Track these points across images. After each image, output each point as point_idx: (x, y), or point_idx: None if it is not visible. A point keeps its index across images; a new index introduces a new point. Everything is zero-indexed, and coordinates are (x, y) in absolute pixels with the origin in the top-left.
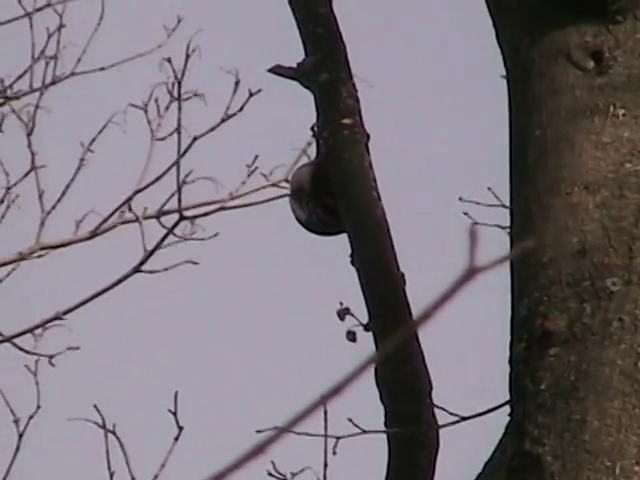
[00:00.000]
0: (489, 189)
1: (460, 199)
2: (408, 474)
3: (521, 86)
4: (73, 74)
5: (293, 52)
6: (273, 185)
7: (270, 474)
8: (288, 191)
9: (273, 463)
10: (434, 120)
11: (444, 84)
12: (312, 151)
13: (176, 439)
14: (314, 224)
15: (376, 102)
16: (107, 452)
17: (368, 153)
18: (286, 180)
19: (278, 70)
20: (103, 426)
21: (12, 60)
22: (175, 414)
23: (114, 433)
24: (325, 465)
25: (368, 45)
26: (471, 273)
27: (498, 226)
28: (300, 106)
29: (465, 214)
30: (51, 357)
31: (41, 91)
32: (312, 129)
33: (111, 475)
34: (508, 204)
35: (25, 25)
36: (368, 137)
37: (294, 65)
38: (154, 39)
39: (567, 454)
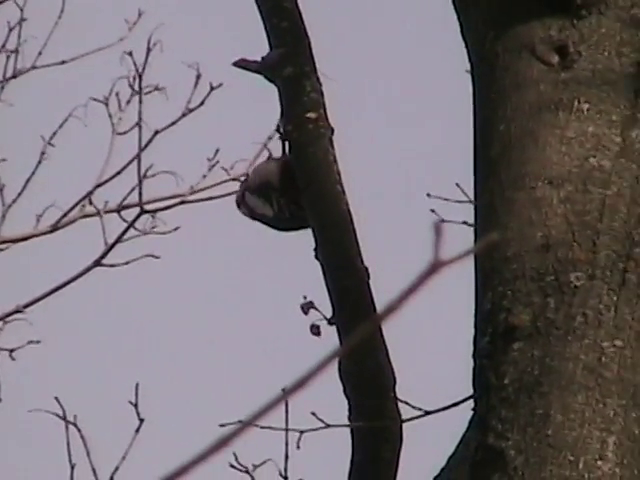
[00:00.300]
0: (457, 185)
1: (428, 195)
2: (372, 468)
3: (485, 80)
4: (34, 67)
5: (256, 46)
6: (234, 179)
7: (232, 466)
8: (242, 187)
9: (235, 455)
10: (402, 114)
11: (410, 77)
12: (274, 145)
13: (137, 431)
14: (283, 220)
15: (342, 97)
16: (68, 444)
17: (332, 147)
18: (246, 176)
19: (242, 64)
20: (64, 418)
21: None
22: (136, 406)
23: (75, 425)
24: (286, 458)
25: (333, 39)
26: (435, 267)
27: (465, 223)
28: (261, 100)
29: (432, 211)
30: (12, 351)
31: (2, 84)
32: (277, 128)
33: (72, 467)
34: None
35: None
36: (332, 131)
37: (258, 59)
38: (115, 33)
39: (530, 448)
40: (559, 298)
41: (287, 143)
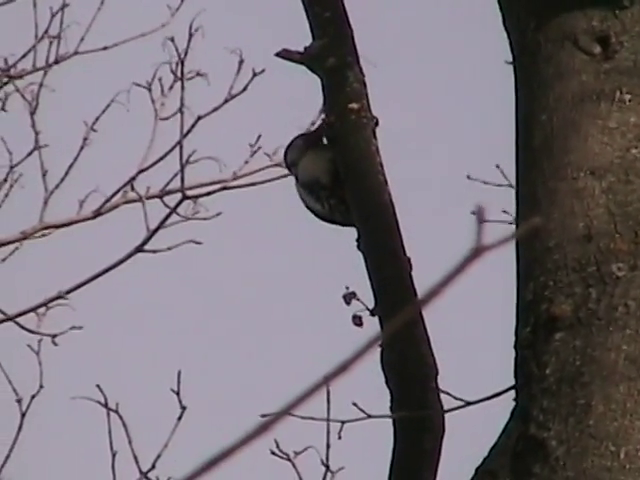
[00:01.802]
0: (497, 167)
1: (468, 177)
2: (413, 459)
3: (528, 71)
4: (76, 53)
5: (297, 31)
6: (276, 165)
7: (273, 453)
8: (294, 178)
9: (276, 442)
10: (443, 102)
11: (453, 67)
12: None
13: (179, 419)
14: (336, 218)
15: (382, 84)
16: (109, 432)
17: (375, 138)
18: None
19: (285, 54)
20: (105, 405)
21: (16, 39)
22: (178, 394)
23: (117, 412)
24: (328, 447)
25: (375, 29)
26: (478, 252)
27: (505, 212)
28: (304, 86)
29: (473, 213)
30: (54, 336)
31: (45, 70)
32: (322, 122)
33: (113, 455)
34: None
35: (29, 4)
36: (377, 122)
37: (301, 49)
38: (157, 18)
39: (572, 439)
40: (601, 289)
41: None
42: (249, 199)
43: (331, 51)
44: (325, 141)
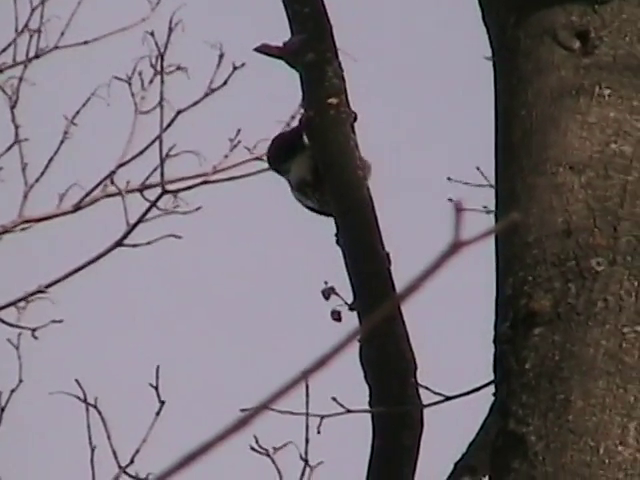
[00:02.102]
0: (478, 169)
1: (449, 179)
2: (392, 454)
3: (507, 66)
4: (57, 47)
5: (277, 25)
6: (256, 158)
7: (253, 449)
8: (288, 185)
9: (256, 438)
10: (423, 99)
11: (431, 62)
12: (296, 123)
13: (157, 413)
14: (326, 209)
15: (362, 80)
16: (88, 426)
17: (354, 133)
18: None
19: (264, 49)
20: (84, 400)
21: None
22: (157, 388)
23: (95, 407)
24: (307, 441)
25: (354, 24)
26: (456, 247)
27: (485, 208)
28: (283, 80)
29: (450, 200)
30: (34, 330)
31: (25, 64)
32: (300, 122)
33: (92, 449)
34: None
35: None
36: (355, 117)
37: (280, 44)
38: (138, 12)
39: (551, 434)
40: (580, 284)
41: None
42: (229, 193)
43: (310, 46)
44: (305, 139)
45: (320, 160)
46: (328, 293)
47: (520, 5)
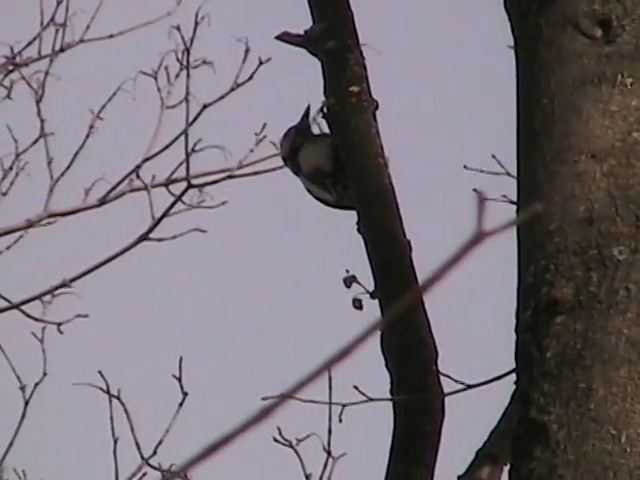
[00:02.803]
0: (493, 157)
1: (465, 167)
2: (414, 441)
3: (529, 54)
4: (82, 41)
5: (302, 20)
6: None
7: (276, 440)
8: (295, 173)
9: (279, 429)
10: (443, 85)
11: (452, 51)
12: (320, 120)
13: (180, 405)
14: (345, 203)
15: (383, 68)
16: (111, 418)
17: (375, 121)
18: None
19: (285, 37)
20: (107, 392)
21: (21, 27)
22: (180, 380)
23: (118, 399)
24: (329, 432)
25: (376, 12)
26: (478, 238)
27: (505, 196)
28: (309, 74)
29: (475, 190)
30: (59, 324)
31: (50, 58)
32: (322, 106)
33: (115, 441)
34: (513, 173)
35: None
36: (377, 105)
37: (302, 32)
38: (163, 6)
39: (573, 422)
40: (602, 272)
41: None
42: (254, 188)
43: (331, 34)
44: (314, 128)
45: (341, 148)
46: (350, 281)
47: None
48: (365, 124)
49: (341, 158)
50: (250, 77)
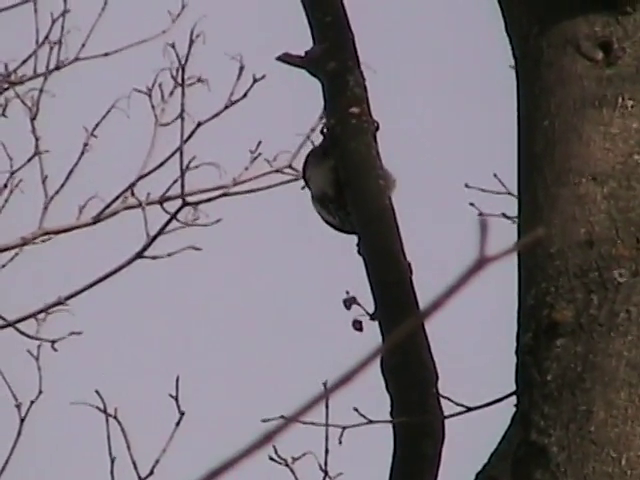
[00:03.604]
0: (495, 176)
1: (467, 186)
2: (414, 464)
3: (529, 76)
4: (77, 59)
5: (299, 38)
6: (277, 171)
7: (272, 458)
8: (309, 193)
9: (275, 448)
10: (443, 108)
11: (452, 72)
12: (316, 137)
13: (177, 424)
14: (347, 228)
15: (383, 89)
16: (108, 437)
17: (376, 142)
18: (290, 166)
19: (286, 58)
20: (104, 411)
21: (16, 45)
22: (177, 399)
23: (115, 418)
24: (326, 452)
25: (377, 33)
26: (481, 263)
27: (504, 215)
28: (304, 92)
29: (472, 204)
30: (54, 342)
31: (45, 76)
32: (322, 128)
33: (112, 460)
34: (514, 192)
35: (29, 10)
36: (377, 126)
37: (302, 53)
38: (158, 24)
39: (573, 445)
40: (602, 295)
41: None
42: (249, 205)
43: (332, 55)
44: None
45: (342, 170)
46: (350, 303)
47: (543, 15)
48: (365, 145)
49: (341, 179)
50: (244, 95)
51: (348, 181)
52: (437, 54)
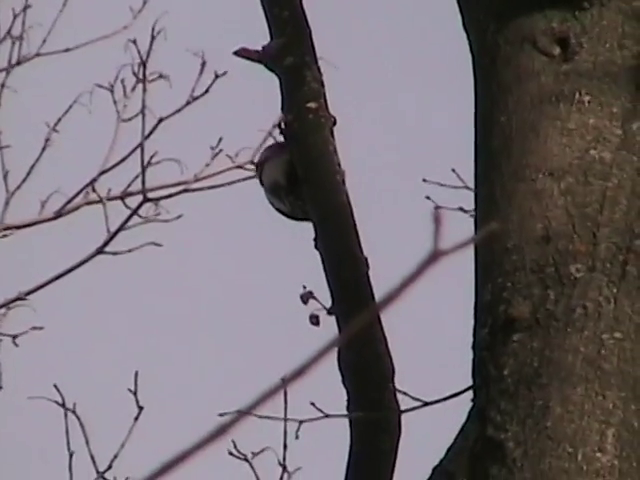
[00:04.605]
0: (453, 171)
1: (424, 180)
2: (370, 459)
3: (487, 72)
4: (38, 54)
5: (259, 34)
6: (238, 167)
7: (231, 454)
8: (262, 187)
9: (234, 443)
10: (399, 101)
11: (410, 65)
12: (277, 134)
13: (136, 419)
14: (297, 214)
15: (341, 84)
16: (67, 431)
17: (333, 137)
18: (252, 163)
19: (243, 53)
20: (63, 405)
21: None
22: (135, 394)
23: (74, 412)
24: (285, 447)
25: (333, 28)
26: (435, 256)
27: (461, 209)
28: (266, 88)
29: (428, 198)
30: (14, 337)
31: (7, 71)
32: (279, 121)
33: (70, 454)
34: (472, 186)
35: None
36: (334, 121)
37: (259, 48)
38: (120, 20)
39: (529, 440)
40: (559, 290)
41: (288, 134)
42: (210, 201)
43: (289, 50)
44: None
45: (299, 164)
46: (307, 297)
47: (500, 11)
48: (323, 140)
49: (299, 174)
50: (206, 91)
51: (305, 176)
52: (395, 47)
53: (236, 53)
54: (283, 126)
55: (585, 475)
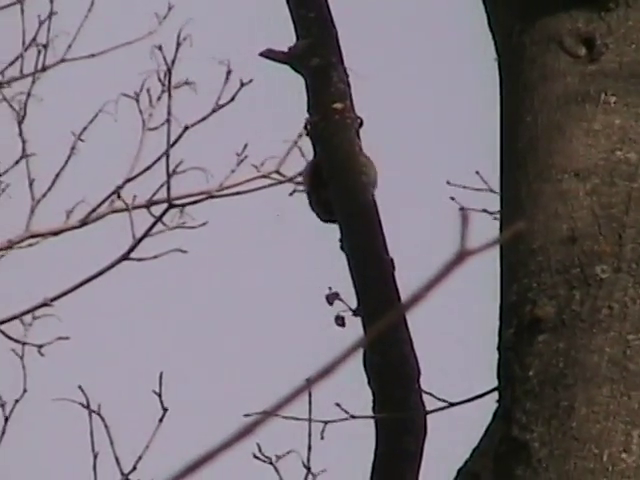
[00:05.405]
0: (477, 173)
1: (448, 183)
2: (395, 459)
3: (512, 72)
4: (64, 61)
5: (285, 40)
6: (263, 176)
7: (256, 457)
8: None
9: (259, 446)
10: (424, 103)
11: (435, 67)
12: (304, 142)
13: (160, 420)
14: (319, 215)
15: (368, 86)
16: (91, 433)
17: (359, 138)
18: (277, 172)
19: (269, 54)
20: (87, 407)
21: (3, 47)
22: (160, 396)
23: (99, 414)
24: (309, 449)
25: (360, 30)
26: (462, 256)
27: (485, 211)
28: (291, 97)
29: (452, 199)
30: (40, 347)
31: (32, 78)
32: (305, 124)
33: (95, 456)
34: (496, 189)
35: (16, 12)
36: (361, 122)
37: (285, 49)
38: (145, 27)
39: (555, 441)
40: (584, 290)
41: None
42: (235, 208)
43: (315, 51)
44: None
45: (325, 165)
46: (332, 299)
47: (526, 12)
48: (348, 141)
49: (324, 174)
50: (232, 98)
51: (331, 177)
52: (421, 50)
53: (262, 54)
54: (309, 127)
55: (610, 476)
